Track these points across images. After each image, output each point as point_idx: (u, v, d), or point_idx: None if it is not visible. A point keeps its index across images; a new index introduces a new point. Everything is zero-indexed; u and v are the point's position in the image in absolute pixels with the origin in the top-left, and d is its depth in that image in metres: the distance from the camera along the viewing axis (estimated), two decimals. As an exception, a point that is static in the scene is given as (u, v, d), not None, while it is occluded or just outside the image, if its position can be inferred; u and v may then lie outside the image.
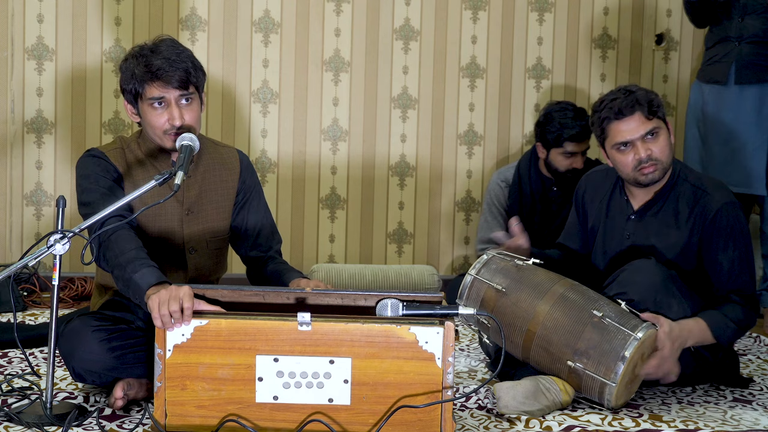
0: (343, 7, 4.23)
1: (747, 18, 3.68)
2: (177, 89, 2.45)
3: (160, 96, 2.46)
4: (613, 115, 2.73)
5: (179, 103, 2.47)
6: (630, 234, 2.86)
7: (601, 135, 2.80)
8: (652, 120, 2.73)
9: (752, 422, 2.52)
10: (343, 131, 4.27)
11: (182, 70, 2.45)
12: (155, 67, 2.43)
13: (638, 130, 2.72)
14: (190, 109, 2.49)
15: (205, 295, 2.29)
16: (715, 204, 2.75)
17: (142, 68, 2.45)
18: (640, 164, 2.73)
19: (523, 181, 3.93)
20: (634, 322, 2.52)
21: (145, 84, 2.45)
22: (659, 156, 2.73)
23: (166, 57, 2.45)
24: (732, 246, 2.74)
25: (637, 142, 2.72)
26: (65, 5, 4.07)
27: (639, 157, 2.72)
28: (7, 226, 4.11)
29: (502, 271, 2.69)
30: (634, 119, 2.72)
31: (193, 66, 2.50)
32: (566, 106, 3.82)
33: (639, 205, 2.85)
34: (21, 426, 2.28)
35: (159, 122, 2.48)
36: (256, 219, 2.72)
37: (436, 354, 2.15)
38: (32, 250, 2.28)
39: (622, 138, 2.73)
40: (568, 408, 2.58)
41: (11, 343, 3.04)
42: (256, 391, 2.16)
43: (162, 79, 2.44)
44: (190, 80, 2.48)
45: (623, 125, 2.72)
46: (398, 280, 4.03)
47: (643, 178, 2.76)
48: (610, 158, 2.83)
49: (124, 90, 2.52)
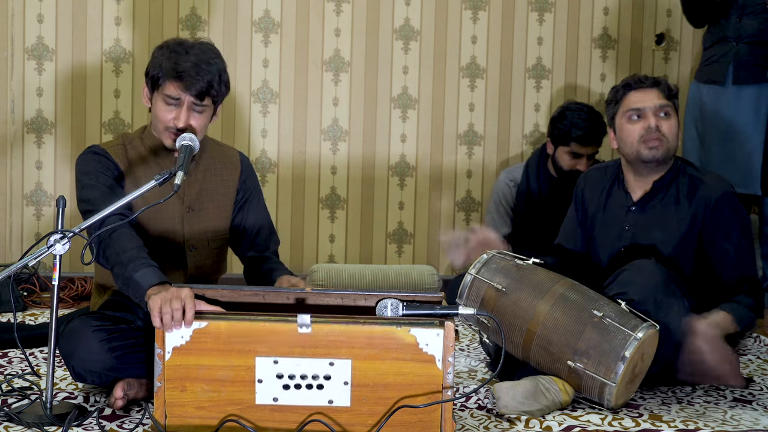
0: (343, 7, 4.23)
1: (745, 18, 3.69)
2: (193, 97, 2.47)
3: (177, 96, 2.48)
4: (633, 83, 2.83)
5: (191, 108, 2.49)
6: (630, 226, 2.87)
7: (615, 105, 2.87)
8: (668, 101, 2.81)
9: (752, 422, 2.52)
10: (343, 131, 4.27)
11: (206, 82, 2.47)
12: (181, 69, 2.45)
13: (654, 101, 2.80)
14: (200, 116, 2.51)
15: (205, 295, 2.30)
16: (714, 194, 2.78)
17: (170, 64, 2.47)
18: (647, 134, 2.77)
19: (531, 180, 3.94)
20: (634, 322, 2.52)
21: (167, 80, 2.47)
22: (667, 134, 2.79)
23: (196, 63, 2.46)
24: (735, 233, 2.76)
25: (649, 112, 2.79)
26: (65, 5, 4.07)
27: (648, 124, 2.77)
28: (7, 226, 4.12)
29: (502, 270, 2.69)
30: (652, 92, 2.81)
31: (219, 80, 2.50)
32: (582, 107, 3.87)
33: (638, 197, 2.87)
34: (21, 426, 2.28)
35: (165, 117, 2.50)
36: (254, 219, 2.73)
37: (436, 356, 2.14)
38: (32, 250, 2.28)
39: (636, 105, 2.81)
40: (568, 408, 2.57)
41: (11, 343, 3.04)
42: (256, 393, 2.16)
43: (183, 82, 2.46)
44: (210, 93, 2.49)
45: (640, 94, 2.81)
46: (398, 280, 4.03)
47: (647, 152, 2.79)
48: (618, 131, 2.87)
49: (148, 73, 2.54)
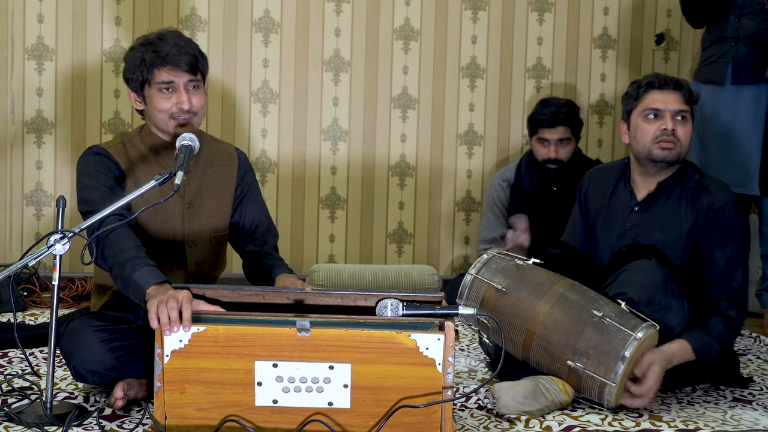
0: (343, 7, 4.23)
1: (743, 18, 3.68)
2: (187, 73, 2.52)
3: (170, 80, 2.51)
4: (657, 83, 2.83)
5: (187, 88, 2.53)
6: (632, 226, 2.87)
7: (633, 101, 2.87)
8: (687, 106, 2.82)
9: (752, 422, 2.52)
10: (343, 131, 4.27)
11: (191, 55, 2.53)
12: (164, 53, 2.50)
13: (674, 104, 2.80)
14: (197, 94, 2.56)
15: (204, 295, 2.29)
16: (717, 201, 2.77)
17: (151, 54, 2.51)
18: (662, 135, 2.78)
19: (524, 179, 3.96)
20: (634, 322, 2.52)
21: (155, 69, 2.51)
22: (681, 138, 2.80)
23: (175, 43, 2.53)
24: (731, 244, 2.74)
25: (667, 114, 2.80)
26: (65, 5, 4.07)
27: (665, 127, 2.78)
28: (7, 226, 4.12)
29: (502, 270, 2.69)
30: (674, 94, 2.81)
31: (200, 54, 2.58)
32: (550, 98, 3.98)
33: (642, 197, 2.87)
34: (21, 426, 2.28)
35: (166, 106, 2.52)
36: (253, 214, 2.74)
37: (436, 359, 2.13)
38: (32, 250, 2.28)
39: (656, 105, 2.81)
40: (568, 408, 2.57)
41: (11, 343, 3.04)
42: (256, 395, 2.16)
43: (172, 63, 2.50)
44: (198, 66, 2.55)
45: (662, 95, 2.81)
46: (398, 280, 4.03)
47: (659, 153, 2.79)
48: (632, 128, 2.86)
49: (129, 79, 2.57)
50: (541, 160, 3.88)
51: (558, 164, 3.86)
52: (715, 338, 2.65)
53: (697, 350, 2.62)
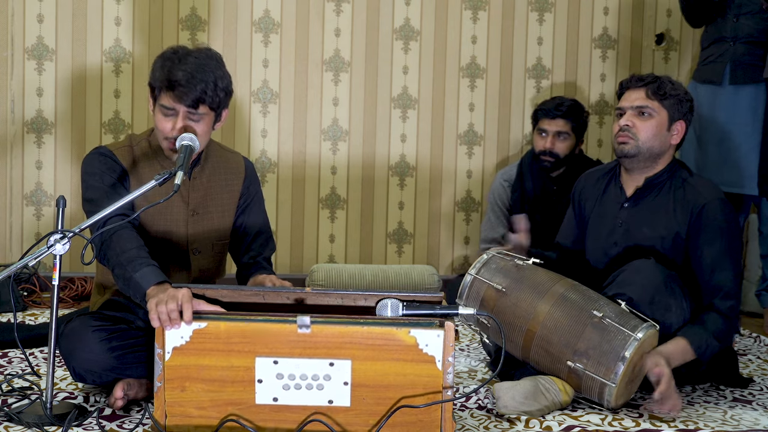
0: (343, 7, 4.23)
1: (742, 18, 3.68)
2: (187, 107, 2.46)
3: (171, 107, 2.47)
4: (628, 82, 2.92)
5: (186, 117, 2.48)
6: (622, 222, 2.88)
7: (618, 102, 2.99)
8: (653, 101, 2.84)
9: (752, 422, 2.53)
10: (343, 131, 4.27)
11: (198, 91, 2.44)
12: (174, 80, 2.43)
13: (633, 101, 2.87)
14: (197, 124, 2.49)
15: (205, 295, 2.30)
16: (702, 199, 2.78)
17: (163, 74, 2.46)
18: (619, 131, 2.86)
19: (524, 179, 3.95)
20: (634, 322, 2.52)
21: (162, 91, 2.47)
22: (637, 132, 2.84)
23: (189, 72, 2.44)
24: (718, 241, 2.74)
25: (627, 111, 2.87)
26: (65, 5, 4.07)
27: (619, 123, 2.87)
28: (7, 226, 4.12)
29: (502, 270, 2.69)
30: (637, 92, 2.87)
31: (214, 87, 2.47)
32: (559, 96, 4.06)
33: (631, 193, 2.88)
34: (21, 426, 2.28)
35: (163, 127, 2.50)
36: (254, 224, 2.74)
37: (436, 357, 2.14)
38: (32, 250, 2.28)
39: (622, 103, 2.91)
40: (567, 408, 2.58)
41: (11, 343, 3.04)
42: (256, 393, 2.16)
43: (176, 92, 2.44)
44: (205, 100, 2.46)
45: (628, 93, 2.91)
46: (398, 280, 4.03)
47: (617, 147, 2.89)
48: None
49: (150, 82, 2.54)
50: (538, 151, 3.89)
51: (554, 158, 3.85)
52: (713, 334, 2.65)
53: (696, 348, 2.62)
